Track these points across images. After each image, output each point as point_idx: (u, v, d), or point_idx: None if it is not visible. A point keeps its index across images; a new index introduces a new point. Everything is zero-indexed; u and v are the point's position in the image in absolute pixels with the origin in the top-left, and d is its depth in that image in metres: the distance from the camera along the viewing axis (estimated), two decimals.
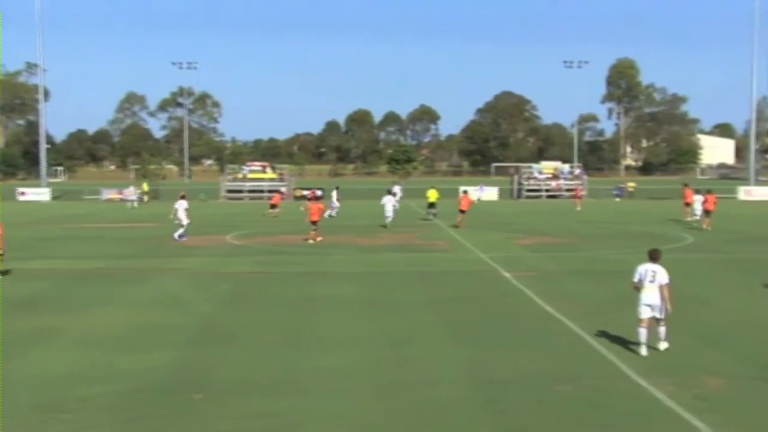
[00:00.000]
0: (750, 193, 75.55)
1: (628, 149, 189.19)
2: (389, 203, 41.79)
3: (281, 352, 13.66)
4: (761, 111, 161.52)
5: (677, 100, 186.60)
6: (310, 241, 32.29)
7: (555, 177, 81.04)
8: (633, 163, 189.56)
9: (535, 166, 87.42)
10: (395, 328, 15.55)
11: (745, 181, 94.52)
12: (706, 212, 39.93)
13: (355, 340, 14.53)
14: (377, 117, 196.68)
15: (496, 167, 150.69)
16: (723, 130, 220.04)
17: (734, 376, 11.98)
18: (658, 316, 13.50)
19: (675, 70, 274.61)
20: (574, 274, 23.41)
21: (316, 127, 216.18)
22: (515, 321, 16.26)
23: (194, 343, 14.40)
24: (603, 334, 14.77)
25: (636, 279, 13.76)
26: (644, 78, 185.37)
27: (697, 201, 43.83)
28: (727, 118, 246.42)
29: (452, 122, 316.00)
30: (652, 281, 13.53)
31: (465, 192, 43.69)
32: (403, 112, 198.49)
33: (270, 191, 76.97)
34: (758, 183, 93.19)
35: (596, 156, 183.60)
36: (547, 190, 78.99)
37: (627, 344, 13.98)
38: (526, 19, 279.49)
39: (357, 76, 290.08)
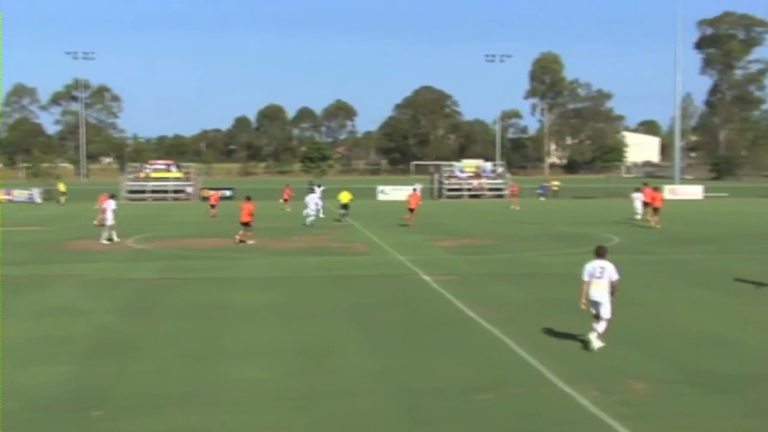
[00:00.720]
0: (675, 192, 77.92)
1: (553, 147, 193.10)
2: (312, 201, 42.18)
3: (189, 364, 13.52)
4: (685, 108, 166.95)
5: (602, 96, 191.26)
6: (250, 242, 33.17)
7: (477, 176, 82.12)
8: (557, 161, 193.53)
9: (456, 164, 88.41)
10: (311, 337, 15.56)
11: (670, 179, 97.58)
12: (654, 210, 41.70)
13: (269, 350, 14.48)
14: (290, 112, 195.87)
15: (416, 165, 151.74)
16: (648, 127, 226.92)
17: (660, 380, 12.37)
18: (604, 315, 14.27)
19: (600, 65, 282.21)
20: (496, 277, 23.79)
21: (224, 124, 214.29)
22: (436, 327, 16.44)
23: (93, 356, 14.13)
24: (526, 339, 15.06)
25: (586, 278, 14.54)
26: (568, 73, 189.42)
27: (637, 199, 45.35)
28: (653, 115, 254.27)
29: (370, 118, 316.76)
30: (600, 277, 14.40)
31: (414, 190, 44.81)
32: (318, 108, 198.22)
33: (176, 191, 76.17)
34: (683, 182, 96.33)
35: (520, 154, 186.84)
36: (468, 190, 79.98)
37: (550, 349, 14.30)
38: (447, 11, 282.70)
39: (268, 70, 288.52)
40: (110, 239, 33.98)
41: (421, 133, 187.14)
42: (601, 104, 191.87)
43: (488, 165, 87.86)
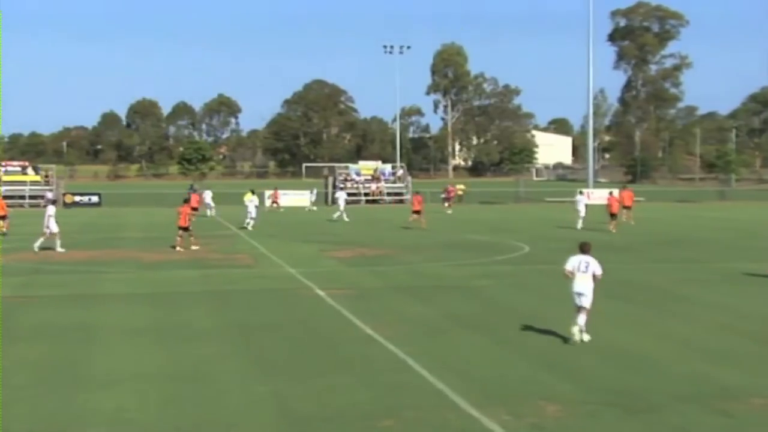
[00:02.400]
0: (589, 196, 79.80)
1: (457, 147, 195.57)
2: (252, 204, 46.21)
3: (43, 394, 12.98)
4: (599, 106, 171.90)
5: (509, 92, 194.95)
6: (194, 248, 34.74)
7: (375, 179, 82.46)
8: (462, 163, 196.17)
9: (352, 166, 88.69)
10: (187, 360, 15.19)
11: (583, 182, 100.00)
12: (612, 215, 45.02)
13: (139, 376, 14.05)
14: (165, 108, 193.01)
15: (308, 168, 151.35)
16: (559, 126, 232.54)
17: (574, 401, 12.51)
18: (585, 305, 16.40)
19: (506, 59, 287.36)
20: (397, 290, 23.83)
21: (90, 121, 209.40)
22: (330, 347, 16.30)
23: None
24: (429, 359, 15.06)
25: (569, 267, 16.77)
26: (473, 67, 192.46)
27: (581, 202, 47.95)
28: (564, 114, 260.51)
29: (255, 115, 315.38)
30: (584, 271, 16.65)
31: (417, 192, 49.94)
32: (197, 104, 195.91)
33: (34, 197, 73.83)
34: (597, 185, 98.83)
35: (421, 155, 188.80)
36: (366, 194, 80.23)
37: (456, 369, 14.33)
38: None
39: (139, 61, 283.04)
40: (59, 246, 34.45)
41: (313, 131, 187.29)
42: (509, 101, 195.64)
43: (387, 167, 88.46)
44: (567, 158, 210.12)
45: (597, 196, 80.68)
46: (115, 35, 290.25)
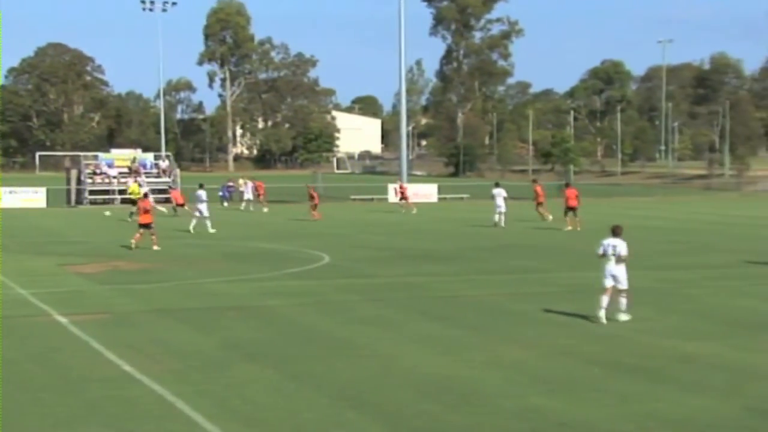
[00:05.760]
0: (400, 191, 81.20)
1: (239, 132, 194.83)
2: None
3: None
4: (414, 81, 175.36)
5: (304, 62, 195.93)
6: (155, 248, 38.16)
7: (133, 172, 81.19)
8: (246, 152, 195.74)
9: (103, 156, 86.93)
10: None
11: (395, 176, 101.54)
12: (570, 209, 48.01)
13: None
14: None
15: (43, 158, 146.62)
16: (366, 105, 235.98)
17: None
18: (621, 287, 21.28)
19: (298, 23, 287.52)
20: (162, 313, 23.59)
21: None
22: (77, 391, 15.96)
23: None
24: (206, 400, 15.01)
25: (600, 252, 21.65)
26: (258, 32, 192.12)
27: (499, 196, 50.85)
28: (371, 91, 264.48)
29: None
30: (614, 254, 21.29)
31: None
32: None
33: None
34: (413, 179, 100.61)
35: (194, 141, 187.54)
36: (121, 192, 78.79)
37: (238, 412, 14.34)
38: None
39: None
40: None
41: (49, 111, 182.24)
42: (303, 74, 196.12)
43: (149, 157, 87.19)
44: (376, 146, 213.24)
45: (413, 193, 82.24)
46: None
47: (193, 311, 24.11)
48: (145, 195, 48.19)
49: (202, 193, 49.06)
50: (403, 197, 67.87)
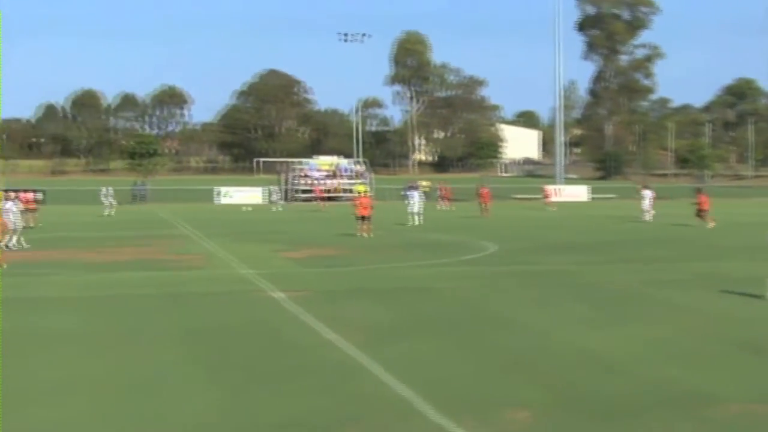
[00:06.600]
0: (558, 192, 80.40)
1: (421, 141, 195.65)
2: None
3: None
4: (568, 98, 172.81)
5: (474, 83, 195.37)
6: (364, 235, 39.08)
7: (333, 175, 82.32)
8: (426, 158, 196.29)
9: (309, 161, 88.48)
10: (132, 369, 15.00)
11: (551, 179, 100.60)
12: (702, 212, 46.30)
13: (79, 387, 13.84)
14: (109, 99, 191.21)
15: (262, 163, 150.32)
16: (527, 119, 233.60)
17: (543, 406, 12.55)
18: None
19: (470, 49, 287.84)
20: (357, 292, 23.78)
21: (27, 112, 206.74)
22: (288, 352, 16.20)
23: None
24: (393, 365, 15.02)
25: None
26: (436, 57, 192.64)
27: (647, 198, 52.61)
28: (532, 106, 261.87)
29: (206, 107, 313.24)
30: None
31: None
32: (143, 94, 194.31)
33: None
34: (567, 181, 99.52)
35: (382, 149, 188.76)
36: (324, 191, 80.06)
37: (421, 375, 14.31)
38: None
39: (79, 47, 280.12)
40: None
41: (267, 125, 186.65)
42: (474, 92, 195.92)
43: (346, 162, 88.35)
44: (535, 153, 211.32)
45: (567, 193, 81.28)
46: (49, 25, 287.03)
47: (381, 291, 24.25)
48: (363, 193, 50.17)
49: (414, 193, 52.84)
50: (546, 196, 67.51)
